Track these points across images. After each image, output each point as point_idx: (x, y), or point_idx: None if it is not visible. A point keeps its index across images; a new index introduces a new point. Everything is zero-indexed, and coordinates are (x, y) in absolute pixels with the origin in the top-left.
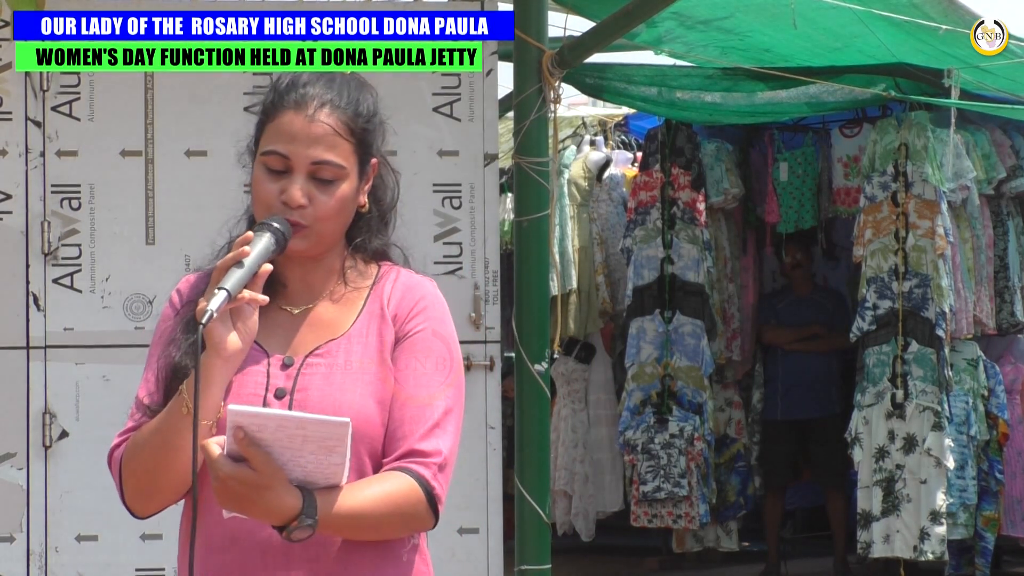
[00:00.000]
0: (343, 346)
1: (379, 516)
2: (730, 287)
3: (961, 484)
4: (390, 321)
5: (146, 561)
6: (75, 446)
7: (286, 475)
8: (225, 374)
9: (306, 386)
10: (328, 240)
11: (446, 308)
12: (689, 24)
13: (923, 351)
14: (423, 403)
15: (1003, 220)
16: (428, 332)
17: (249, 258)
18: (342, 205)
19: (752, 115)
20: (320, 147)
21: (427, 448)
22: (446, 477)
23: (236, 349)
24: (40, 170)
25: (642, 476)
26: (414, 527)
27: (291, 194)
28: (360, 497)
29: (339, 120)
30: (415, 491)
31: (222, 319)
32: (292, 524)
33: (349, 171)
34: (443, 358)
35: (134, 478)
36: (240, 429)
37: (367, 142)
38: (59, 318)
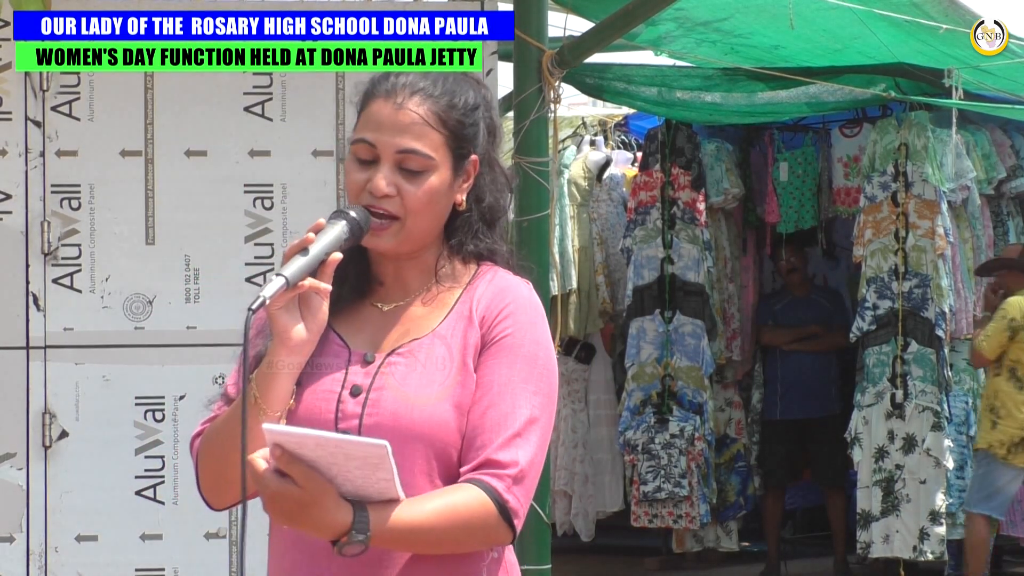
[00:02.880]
0: (426, 346)
1: (442, 531)
2: (730, 287)
3: (961, 484)
4: (476, 324)
5: (146, 561)
6: (75, 446)
7: (336, 490)
8: (292, 365)
9: (383, 385)
10: (419, 237)
11: (540, 312)
12: (689, 25)
13: (923, 351)
14: (505, 411)
15: (1003, 220)
16: (516, 337)
17: (315, 245)
18: (431, 198)
19: (752, 115)
20: (407, 136)
21: (503, 459)
22: (524, 489)
23: (301, 340)
24: (40, 170)
25: (642, 476)
26: (486, 541)
27: (376, 183)
28: (420, 511)
29: (429, 110)
30: (484, 505)
31: (288, 309)
32: (342, 540)
33: (439, 163)
34: (531, 364)
35: (207, 468)
36: (278, 447)
37: (462, 136)
38: (59, 318)
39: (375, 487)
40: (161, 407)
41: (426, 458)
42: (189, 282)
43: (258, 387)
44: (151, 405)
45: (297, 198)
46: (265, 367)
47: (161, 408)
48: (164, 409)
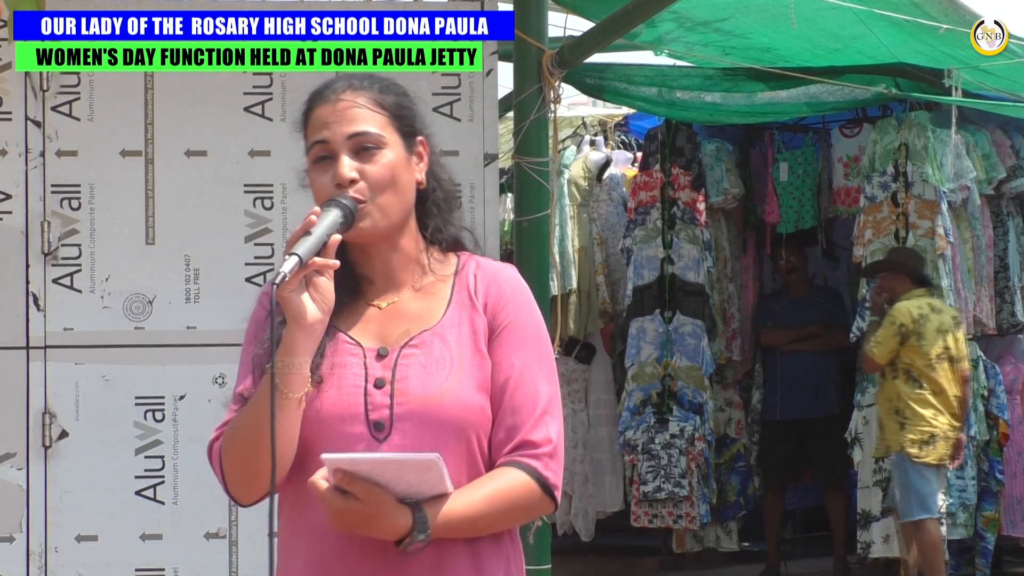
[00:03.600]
0: (437, 336)
1: (495, 514)
2: (730, 287)
3: (961, 484)
4: (481, 310)
5: (146, 561)
6: (75, 446)
7: (392, 495)
8: (308, 345)
9: (406, 375)
10: (393, 215)
11: (529, 292)
12: (689, 25)
13: None
14: (529, 392)
15: (1003, 220)
16: (521, 320)
17: (317, 227)
18: (392, 172)
19: (752, 115)
20: (352, 122)
21: (537, 438)
22: (558, 463)
23: (316, 319)
24: (40, 170)
25: (642, 476)
26: (532, 516)
27: (338, 172)
28: (472, 500)
29: (367, 97)
30: (528, 484)
31: (298, 290)
32: (406, 540)
33: (389, 140)
34: (538, 344)
35: (234, 465)
36: (338, 472)
37: (403, 116)
38: (59, 318)
39: (427, 485)
40: (161, 407)
41: (456, 439)
42: (189, 282)
43: (279, 373)
44: (151, 405)
45: (297, 198)
46: (282, 352)
47: (161, 408)
48: (164, 409)
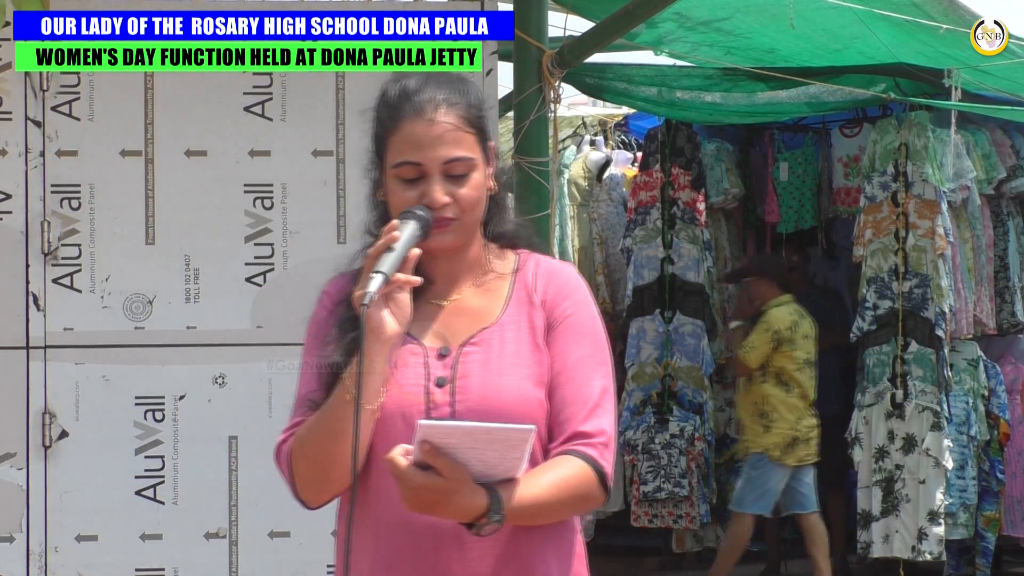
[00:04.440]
0: (496, 333)
1: (559, 501)
2: (730, 287)
3: (961, 484)
4: (539, 307)
5: (146, 561)
6: (75, 446)
7: (469, 473)
8: (382, 356)
9: (466, 373)
10: (472, 229)
11: (588, 289)
12: (689, 25)
13: (923, 351)
14: (582, 385)
15: (1003, 220)
16: (578, 316)
17: (399, 242)
18: (479, 193)
19: (752, 115)
20: (447, 146)
21: (591, 429)
22: (611, 454)
23: (394, 332)
24: (40, 170)
25: (642, 476)
26: (590, 506)
27: (433, 197)
28: (539, 486)
29: (457, 116)
30: (587, 473)
31: (378, 304)
32: (481, 521)
33: (477, 161)
34: (594, 339)
35: (304, 470)
36: (427, 442)
37: (484, 128)
38: (59, 318)
39: (503, 466)
40: (161, 407)
41: None
42: (189, 282)
43: (356, 383)
44: (151, 405)
45: (297, 198)
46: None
47: (161, 408)
48: (164, 409)
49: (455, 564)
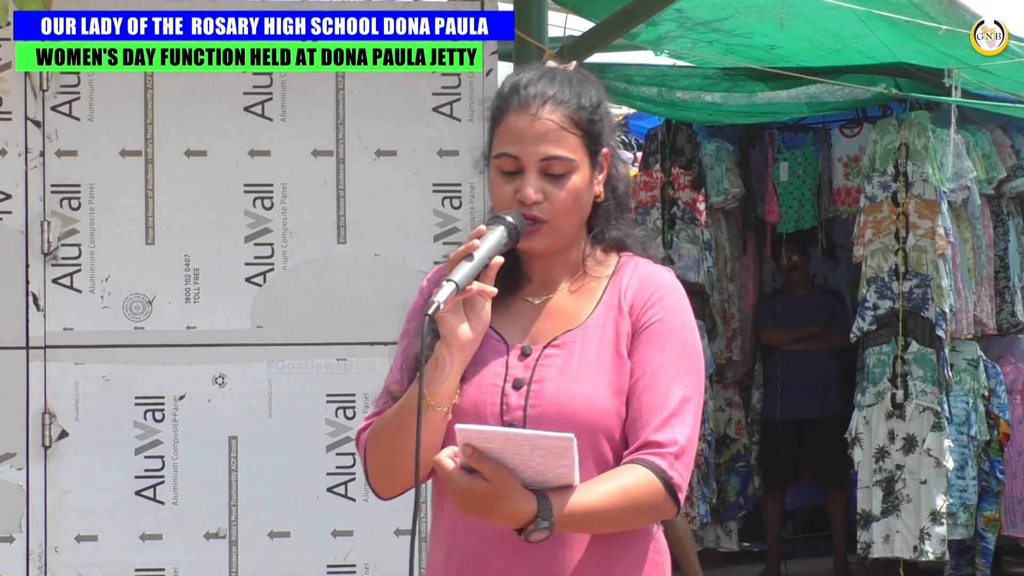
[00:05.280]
0: (580, 336)
1: (617, 510)
2: (730, 287)
3: (961, 484)
4: (626, 312)
5: (146, 561)
6: (75, 446)
7: (519, 479)
8: (458, 363)
9: (543, 377)
10: (567, 234)
11: (684, 297)
12: (689, 25)
13: (923, 351)
14: (660, 393)
15: (1003, 220)
16: (665, 322)
17: (479, 251)
18: (576, 197)
19: (752, 115)
20: (547, 143)
21: (662, 439)
22: (685, 464)
23: (467, 339)
24: (40, 170)
25: None
26: (655, 516)
27: (525, 192)
28: (596, 494)
29: (563, 115)
30: (652, 483)
31: (455, 310)
32: (529, 527)
33: (579, 163)
34: (680, 347)
35: (376, 460)
36: (468, 446)
37: (594, 132)
38: (59, 318)
39: (555, 472)
40: (161, 407)
41: (590, 444)
42: (189, 282)
43: (427, 384)
44: (151, 405)
45: (297, 198)
46: (433, 366)
47: (161, 408)
48: (164, 409)
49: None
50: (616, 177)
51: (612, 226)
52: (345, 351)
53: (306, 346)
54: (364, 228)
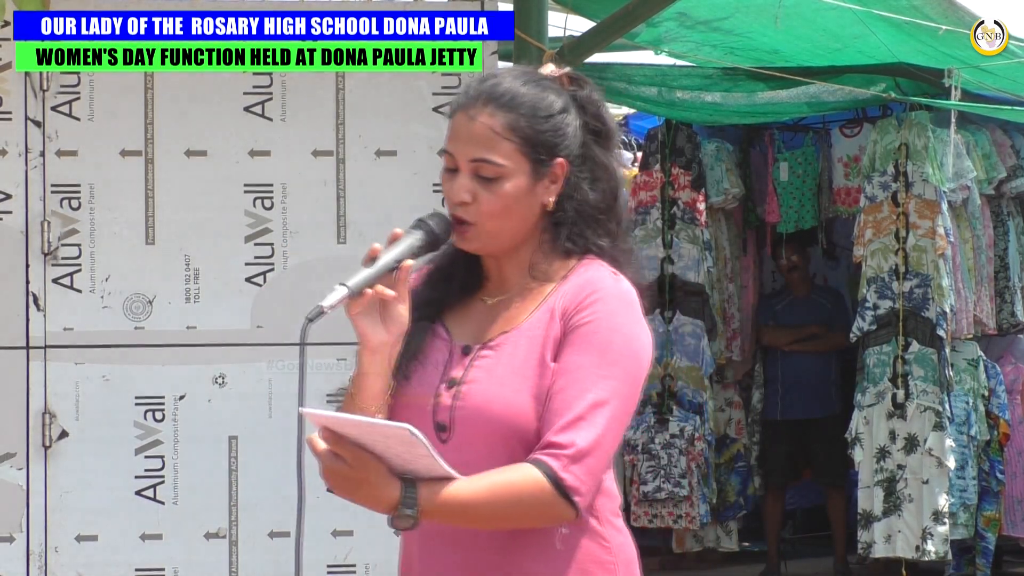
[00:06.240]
0: (512, 339)
1: (494, 506)
2: (730, 287)
3: (962, 484)
4: (558, 317)
5: (146, 561)
6: (75, 446)
7: (387, 467)
8: (376, 365)
9: (473, 378)
10: (501, 239)
11: (625, 301)
12: (689, 25)
13: (924, 351)
14: (572, 396)
15: (1003, 220)
16: (593, 325)
17: (385, 256)
18: (506, 203)
19: (752, 115)
20: (478, 146)
21: (561, 440)
22: (585, 468)
23: (381, 341)
24: (40, 170)
25: (642, 476)
26: (545, 517)
27: (454, 191)
28: (471, 487)
29: (500, 120)
30: (538, 482)
31: (368, 314)
32: (393, 514)
33: (512, 170)
34: (604, 350)
35: None
36: (326, 430)
37: (539, 141)
38: (59, 318)
39: (421, 463)
40: (161, 407)
41: (508, 448)
42: (189, 282)
43: (354, 385)
44: (151, 405)
45: (297, 198)
46: (357, 367)
47: (161, 408)
48: (164, 409)
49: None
50: (579, 185)
51: (572, 236)
52: (345, 351)
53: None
54: (364, 228)
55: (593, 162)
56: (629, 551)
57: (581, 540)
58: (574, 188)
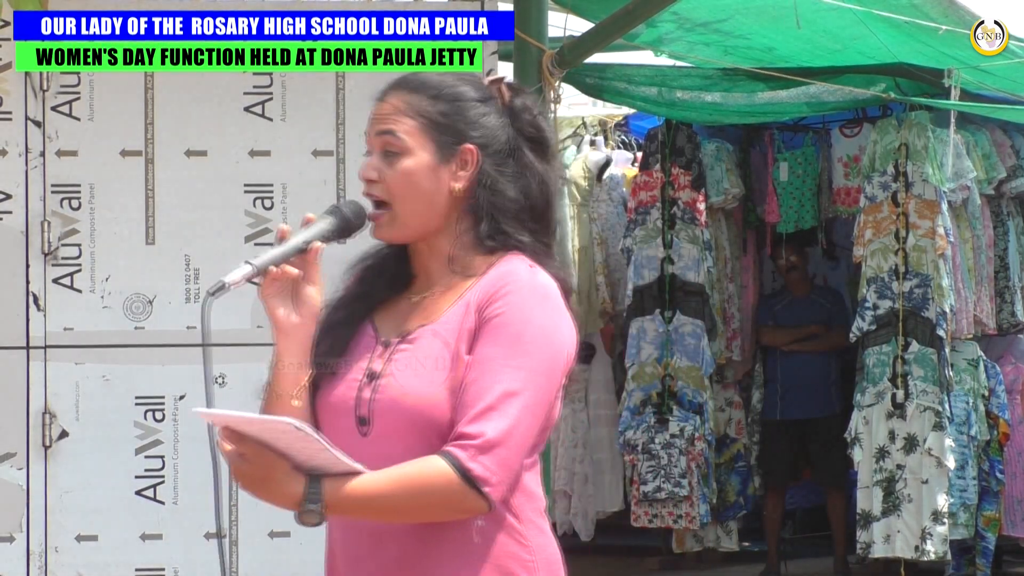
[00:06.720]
0: (429, 332)
1: (399, 497)
2: (730, 287)
3: (962, 484)
4: (473, 310)
5: (146, 561)
6: (75, 446)
7: (290, 464)
8: (289, 348)
9: (390, 371)
10: (413, 223)
11: (539, 292)
12: (689, 26)
13: (924, 351)
14: (482, 388)
15: (1003, 220)
16: (505, 316)
17: (294, 237)
18: (407, 179)
19: (752, 115)
20: (384, 122)
21: (470, 431)
22: (495, 458)
23: (292, 324)
24: (40, 170)
25: (642, 476)
26: (454, 509)
27: (362, 168)
28: (376, 480)
29: (404, 99)
30: (444, 473)
31: (281, 296)
32: (298, 510)
33: (413, 147)
34: (515, 341)
35: None
36: (226, 428)
37: (443, 124)
38: (59, 318)
39: (321, 458)
40: (161, 407)
41: (425, 441)
42: (189, 282)
43: (271, 373)
44: (151, 405)
45: (297, 198)
46: (272, 353)
47: (161, 408)
48: (164, 409)
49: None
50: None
51: (493, 230)
52: None
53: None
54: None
55: (521, 163)
56: (551, 552)
57: (498, 536)
58: (492, 181)
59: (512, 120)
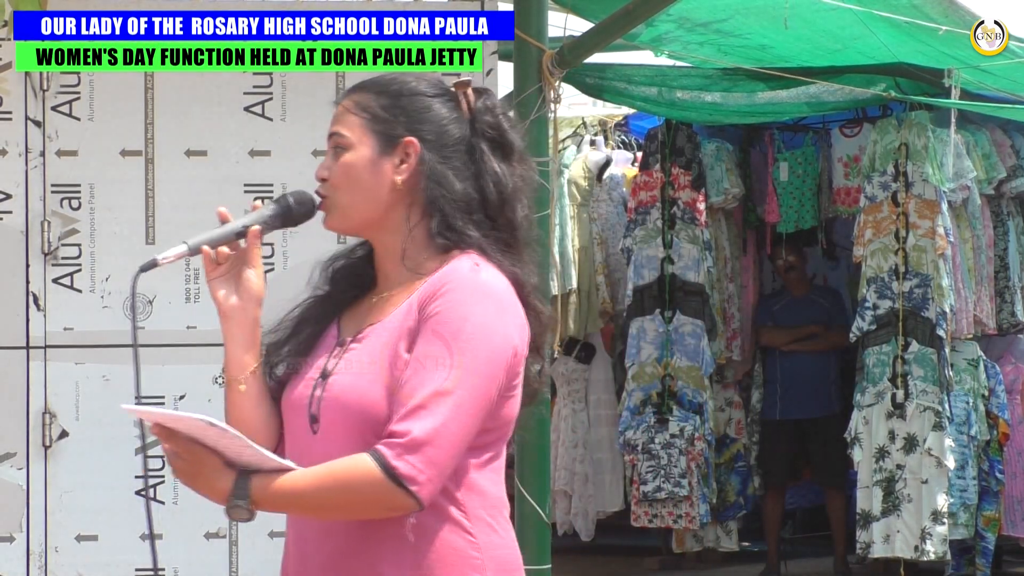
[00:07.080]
0: (376, 332)
1: (323, 494)
2: (730, 287)
3: (961, 484)
4: (415, 309)
5: (146, 561)
6: (75, 446)
7: (222, 460)
8: (231, 332)
9: (338, 370)
10: (354, 213)
11: (479, 290)
12: (688, 26)
13: (924, 351)
14: (414, 386)
15: (1003, 220)
16: (443, 314)
17: (235, 221)
18: (347, 172)
19: (752, 115)
20: (334, 124)
21: (398, 429)
22: (422, 457)
23: (233, 306)
24: (40, 170)
25: (642, 476)
26: (381, 506)
27: (317, 168)
28: (302, 478)
29: (354, 100)
30: (369, 471)
31: (225, 281)
32: (227, 504)
33: (353, 141)
34: (452, 339)
35: None
36: (156, 425)
37: (384, 118)
38: (59, 318)
39: (247, 454)
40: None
41: (364, 439)
42: (189, 282)
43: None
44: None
45: None
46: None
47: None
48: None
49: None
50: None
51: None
52: None
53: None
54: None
55: (476, 160)
56: (504, 552)
57: (439, 532)
58: (438, 175)
59: (473, 120)
